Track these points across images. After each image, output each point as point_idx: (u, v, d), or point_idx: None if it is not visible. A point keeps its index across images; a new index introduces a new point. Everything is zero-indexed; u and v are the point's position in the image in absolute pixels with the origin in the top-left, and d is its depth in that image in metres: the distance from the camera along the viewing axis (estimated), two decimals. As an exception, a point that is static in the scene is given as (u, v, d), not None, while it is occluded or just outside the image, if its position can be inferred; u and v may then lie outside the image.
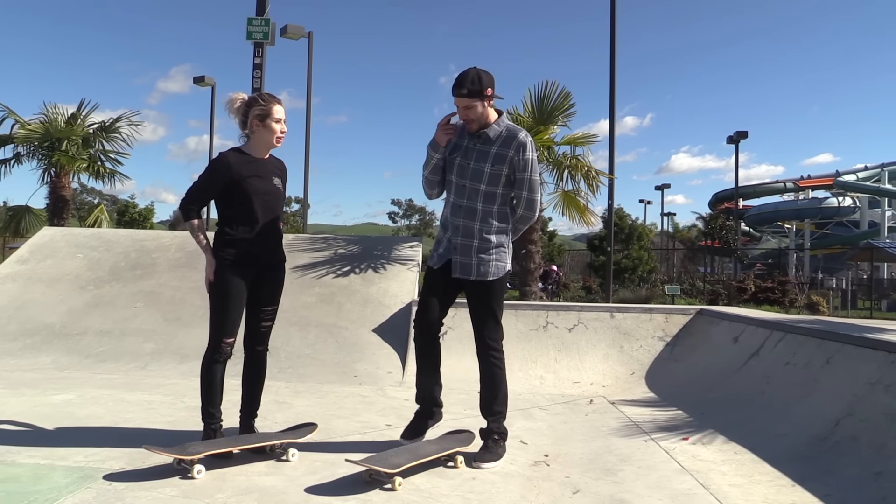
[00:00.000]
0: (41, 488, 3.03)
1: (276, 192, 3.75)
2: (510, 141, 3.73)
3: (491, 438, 3.81)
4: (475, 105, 3.66)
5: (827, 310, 20.73)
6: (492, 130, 3.74)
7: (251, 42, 11.96)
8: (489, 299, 3.85)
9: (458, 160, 3.78)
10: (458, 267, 3.80)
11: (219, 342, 3.58)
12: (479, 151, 3.74)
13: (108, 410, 4.59)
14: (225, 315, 3.58)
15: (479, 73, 3.67)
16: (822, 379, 4.51)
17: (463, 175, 3.76)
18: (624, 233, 33.85)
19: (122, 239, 9.04)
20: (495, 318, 3.88)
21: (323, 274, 8.04)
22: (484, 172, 3.72)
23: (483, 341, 3.86)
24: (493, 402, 3.86)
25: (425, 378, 3.93)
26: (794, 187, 55.32)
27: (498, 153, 3.73)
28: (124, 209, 41.55)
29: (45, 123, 13.87)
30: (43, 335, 6.83)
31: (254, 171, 3.65)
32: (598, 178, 11.48)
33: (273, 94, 3.77)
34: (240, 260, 3.60)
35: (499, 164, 3.72)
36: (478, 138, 3.75)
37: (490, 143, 3.74)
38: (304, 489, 3.16)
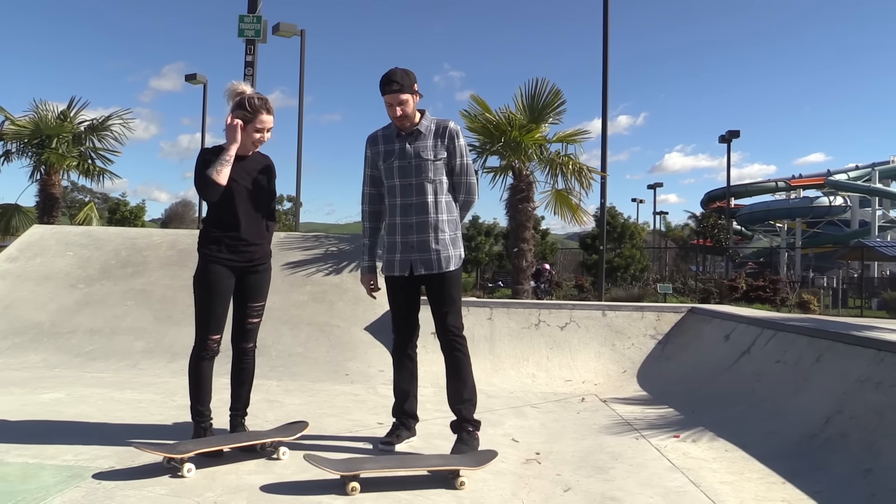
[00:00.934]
0: (29, 487, 3.01)
1: (261, 189, 3.72)
2: (443, 131, 3.85)
3: (465, 431, 3.79)
4: (407, 100, 3.74)
5: (818, 308, 20.82)
6: (422, 126, 3.84)
7: (243, 40, 11.92)
8: (451, 289, 3.85)
9: (396, 163, 3.82)
10: (419, 264, 3.81)
11: (205, 339, 3.56)
12: (416, 147, 3.81)
13: (97, 409, 4.56)
14: (209, 312, 3.56)
15: (405, 70, 3.79)
16: (813, 377, 4.53)
17: (406, 174, 3.80)
18: (616, 231, 33.84)
19: (113, 237, 9.00)
20: (457, 306, 3.88)
21: (315, 272, 8.02)
22: (428, 164, 3.79)
23: (447, 331, 3.82)
24: (463, 391, 3.82)
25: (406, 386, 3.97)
26: (785, 186, 55.53)
27: (435, 144, 3.83)
28: (115, 207, 41.28)
29: (35, 120, 13.78)
30: (32, 334, 6.79)
31: (235, 168, 3.62)
32: (591, 176, 11.49)
33: (265, 100, 3.70)
34: (223, 257, 3.58)
35: (440, 153, 3.82)
36: (410, 136, 3.83)
37: (424, 137, 3.83)
38: (294, 487, 3.15)
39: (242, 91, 3.67)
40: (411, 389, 3.97)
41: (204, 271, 3.57)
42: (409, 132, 3.83)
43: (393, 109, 3.75)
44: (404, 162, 3.81)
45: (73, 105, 14.31)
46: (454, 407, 3.83)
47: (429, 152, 3.80)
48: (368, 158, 3.97)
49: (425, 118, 3.88)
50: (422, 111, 3.90)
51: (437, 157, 3.81)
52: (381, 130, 3.97)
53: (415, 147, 3.81)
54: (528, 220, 11.45)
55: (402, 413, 3.97)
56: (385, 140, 3.91)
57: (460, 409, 3.81)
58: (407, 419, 3.98)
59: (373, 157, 3.94)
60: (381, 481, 3.25)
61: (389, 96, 3.73)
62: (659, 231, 58.84)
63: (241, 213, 3.62)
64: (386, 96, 3.74)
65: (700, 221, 43.14)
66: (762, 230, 57.79)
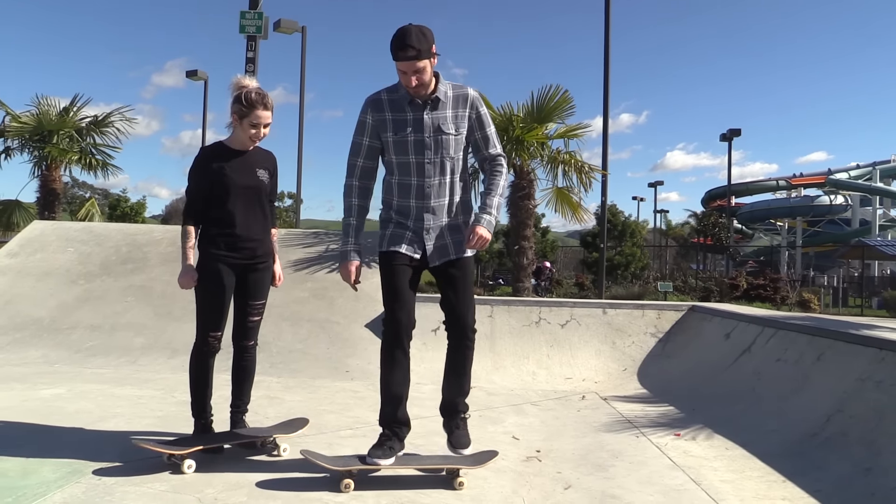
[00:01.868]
0: (30, 483, 3.01)
1: (260, 185, 3.67)
2: (463, 99, 3.34)
3: (460, 418, 3.43)
4: (425, 66, 3.16)
5: (818, 307, 20.81)
6: (440, 93, 3.29)
7: (244, 36, 11.92)
8: (468, 277, 3.44)
9: (411, 137, 3.27)
10: (435, 253, 3.34)
11: (205, 336, 3.55)
12: (435, 119, 3.28)
13: (97, 405, 4.56)
14: (210, 309, 3.55)
15: (422, 28, 3.18)
16: (813, 375, 4.53)
17: (422, 150, 3.27)
18: (617, 229, 33.84)
19: (114, 233, 8.99)
20: (473, 298, 3.47)
21: (316, 269, 8.02)
22: (449, 139, 3.29)
23: (466, 326, 3.38)
24: (464, 383, 3.46)
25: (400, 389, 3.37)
26: (786, 185, 55.51)
27: (455, 115, 3.32)
28: (116, 203, 41.28)
29: (37, 116, 13.76)
30: (32, 329, 6.79)
31: (234, 164, 3.59)
32: (592, 175, 11.48)
33: (263, 95, 3.59)
34: (223, 254, 3.55)
35: (462, 126, 3.32)
36: (427, 105, 3.28)
37: (444, 106, 3.30)
38: (294, 484, 3.15)
39: (245, 85, 3.62)
40: (405, 392, 3.38)
41: (203, 269, 3.54)
42: (427, 100, 3.27)
43: (408, 78, 3.17)
44: (421, 136, 3.26)
45: (75, 101, 14.29)
46: (454, 399, 3.44)
47: (450, 125, 3.28)
48: (369, 126, 3.34)
49: (441, 83, 3.30)
50: (436, 74, 3.29)
51: (458, 131, 3.31)
52: (387, 93, 3.34)
53: (434, 118, 3.27)
54: (529, 217, 11.44)
55: (395, 421, 3.33)
56: (393, 106, 3.30)
57: (458, 402, 3.44)
58: (400, 428, 3.35)
59: (375, 125, 3.32)
60: (380, 479, 3.25)
61: (404, 63, 3.14)
62: (659, 229, 58.82)
63: (238, 210, 3.57)
64: (399, 63, 3.15)
65: (700, 220, 43.12)
66: (763, 229, 57.80)
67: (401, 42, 3.12)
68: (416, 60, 3.12)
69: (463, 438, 3.37)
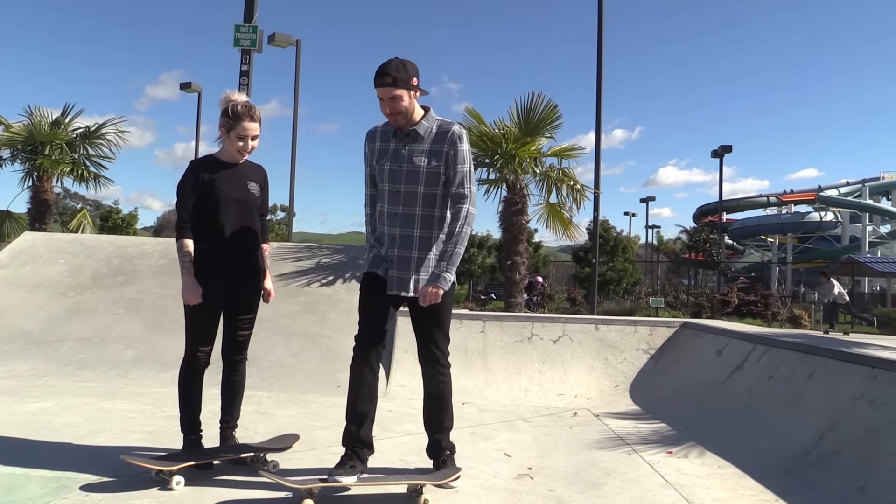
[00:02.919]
0: (15, 499, 2.97)
1: (250, 198, 3.65)
2: (444, 135, 3.40)
3: (444, 456, 3.48)
4: (401, 96, 3.29)
5: (809, 323, 20.88)
6: (421, 127, 3.40)
7: (238, 49, 11.92)
8: (431, 312, 3.39)
9: (387, 165, 3.41)
10: (394, 282, 3.39)
11: (194, 351, 3.52)
12: (410, 151, 3.38)
13: (86, 419, 4.51)
14: (199, 323, 3.52)
15: (404, 62, 3.34)
16: (806, 393, 4.53)
17: (396, 180, 3.39)
18: (609, 245, 33.94)
19: (104, 245, 8.95)
20: (442, 331, 3.49)
21: (307, 283, 7.99)
22: (420, 172, 3.37)
23: (428, 356, 3.46)
24: (444, 420, 3.50)
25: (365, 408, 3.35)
26: (777, 201, 55.87)
27: (432, 150, 3.39)
28: (107, 215, 41.17)
29: (29, 127, 13.72)
30: (21, 342, 6.73)
31: (224, 176, 3.57)
32: (584, 193, 11.54)
33: (250, 107, 3.58)
34: (211, 267, 3.52)
35: (436, 161, 3.38)
36: (406, 137, 3.40)
37: (421, 140, 3.40)
38: (285, 501, 3.12)
39: (233, 99, 3.62)
40: (370, 412, 3.35)
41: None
42: (406, 133, 3.40)
43: (384, 105, 3.32)
44: (395, 165, 3.39)
45: (67, 112, 14.26)
46: (434, 435, 3.51)
47: (422, 158, 3.37)
48: (366, 156, 3.57)
49: (427, 118, 3.42)
50: (426, 109, 3.46)
51: (430, 165, 3.37)
52: (382, 126, 3.52)
53: (409, 150, 3.38)
54: (522, 232, 11.45)
55: (357, 441, 3.30)
56: (382, 137, 3.48)
57: (440, 439, 3.50)
58: (361, 449, 3.31)
59: (369, 154, 3.54)
60: (348, 499, 3.23)
61: (381, 89, 3.30)
62: (651, 245, 58.99)
63: (228, 224, 3.55)
64: (378, 89, 3.31)
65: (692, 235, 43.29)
66: (754, 245, 58.08)
67: (380, 70, 3.29)
68: (393, 88, 3.26)
69: (449, 472, 3.36)
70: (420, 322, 3.47)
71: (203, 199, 3.53)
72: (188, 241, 3.51)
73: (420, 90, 3.40)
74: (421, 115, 3.42)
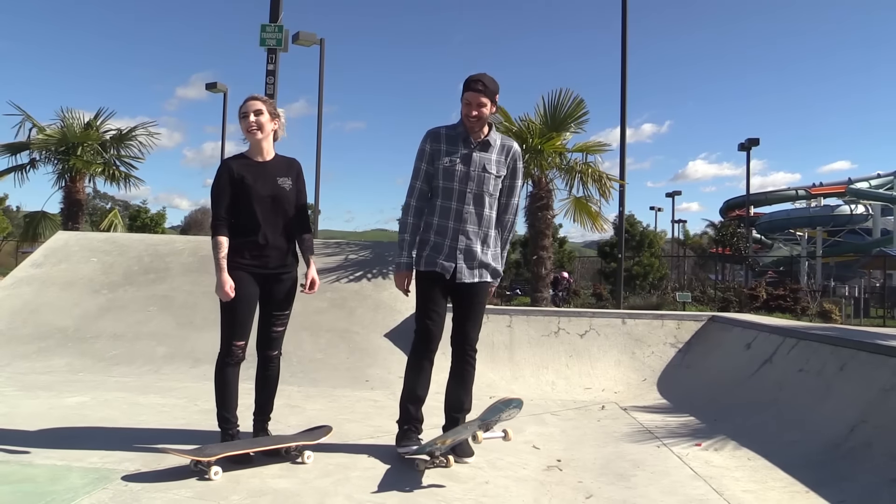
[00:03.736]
0: (58, 489, 3.06)
1: (281, 193, 3.70)
2: (507, 150, 3.88)
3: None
4: (487, 105, 3.71)
5: (839, 318, 20.58)
6: (491, 138, 3.84)
7: (265, 49, 12.03)
8: (480, 301, 3.90)
9: (459, 168, 3.77)
10: (464, 272, 3.79)
11: (230, 345, 3.58)
12: (482, 157, 3.80)
13: (122, 413, 4.62)
14: (234, 318, 3.58)
15: (493, 78, 3.79)
16: (836, 386, 4.50)
17: (465, 181, 3.77)
18: (635, 240, 33.74)
19: (136, 243, 9.10)
20: (480, 320, 3.96)
21: (335, 279, 8.07)
22: (490, 178, 3.80)
23: (467, 342, 3.88)
24: (465, 400, 3.91)
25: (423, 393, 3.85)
26: (805, 195, 55.02)
27: (499, 160, 3.84)
28: (136, 214, 41.75)
29: (62, 128, 13.97)
30: (57, 338, 6.88)
31: (254, 173, 3.64)
32: (610, 185, 11.47)
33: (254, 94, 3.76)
34: (245, 263, 3.59)
35: (501, 170, 3.85)
36: (479, 146, 3.81)
37: (491, 150, 3.83)
38: (317, 491, 3.18)
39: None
40: (425, 396, 3.86)
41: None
42: (479, 141, 3.81)
43: (470, 108, 3.70)
44: (468, 169, 3.77)
45: (99, 115, 14.50)
46: (454, 414, 3.89)
47: (493, 166, 3.81)
48: (426, 153, 3.84)
49: (493, 132, 3.88)
50: (490, 125, 3.88)
51: (499, 174, 3.83)
52: (446, 129, 3.87)
53: (482, 158, 3.80)
54: (548, 227, 11.44)
55: (415, 420, 3.85)
56: (449, 140, 3.82)
57: (458, 418, 3.87)
58: (419, 426, 3.87)
59: (432, 152, 3.83)
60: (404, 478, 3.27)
61: (471, 94, 3.70)
62: (677, 239, 58.50)
63: (260, 220, 3.61)
64: (467, 93, 3.71)
65: (719, 230, 42.86)
66: (782, 239, 57.25)
67: (474, 77, 3.73)
68: (482, 95, 3.69)
69: (465, 448, 3.79)
70: (464, 310, 3.88)
71: (235, 197, 3.60)
72: (222, 238, 3.57)
73: (498, 105, 3.85)
74: (488, 129, 3.87)
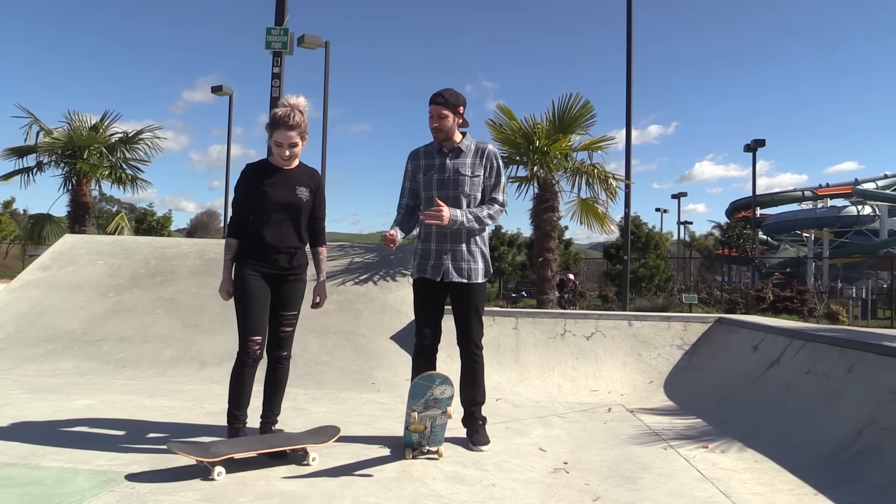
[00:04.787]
0: (65, 491, 3.07)
1: (297, 202, 3.79)
2: (481, 152, 4.17)
3: (478, 423, 4.19)
4: (448, 116, 4.06)
5: (847, 319, 20.52)
6: (463, 145, 4.16)
7: (270, 52, 12.04)
8: (476, 299, 4.15)
9: (435, 176, 4.12)
10: (452, 272, 4.08)
11: (246, 341, 3.64)
12: (456, 164, 4.11)
13: (129, 416, 4.62)
14: (247, 314, 3.66)
15: (457, 92, 4.14)
16: (844, 387, 4.48)
17: (444, 187, 4.09)
18: (641, 241, 33.65)
19: (142, 246, 9.12)
20: (480, 317, 4.19)
21: (340, 282, 8.07)
22: (465, 179, 4.09)
23: (469, 340, 4.14)
24: (476, 395, 4.20)
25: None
26: (812, 196, 54.87)
27: (473, 163, 4.14)
28: (142, 217, 41.86)
29: (69, 132, 14.04)
30: (64, 341, 6.90)
31: (273, 180, 3.75)
32: (616, 185, 11.45)
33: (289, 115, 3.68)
34: (253, 263, 3.71)
35: (477, 171, 4.14)
36: (451, 153, 4.14)
37: (464, 155, 4.14)
38: (324, 494, 3.17)
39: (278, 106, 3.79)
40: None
41: (237, 276, 3.72)
42: (451, 149, 4.13)
43: (432, 120, 4.08)
44: (443, 175, 4.10)
45: (105, 118, 14.56)
46: (469, 407, 4.22)
47: (467, 169, 4.10)
48: (408, 171, 4.25)
49: (466, 139, 4.19)
50: (463, 133, 4.21)
51: (474, 174, 4.11)
52: (424, 147, 4.27)
53: (454, 163, 4.11)
54: (553, 229, 11.44)
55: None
56: (426, 155, 4.21)
57: (474, 410, 4.21)
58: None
59: (413, 170, 4.23)
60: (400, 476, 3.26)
61: (432, 106, 4.08)
62: (683, 241, 58.37)
63: (269, 223, 3.72)
64: (430, 106, 4.09)
65: (725, 231, 42.73)
66: (788, 240, 57.08)
67: (436, 92, 4.10)
68: (442, 107, 4.05)
69: (481, 438, 4.14)
70: (461, 310, 4.14)
71: (252, 202, 3.72)
72: (231, 240, 3.77)
73: (464, 120, 4.16)
74: (461, 137, 4.19)
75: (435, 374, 3.73)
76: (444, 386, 3.70)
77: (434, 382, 3.69)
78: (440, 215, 3.91)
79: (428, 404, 3.70)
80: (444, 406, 3.71)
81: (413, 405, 3.69)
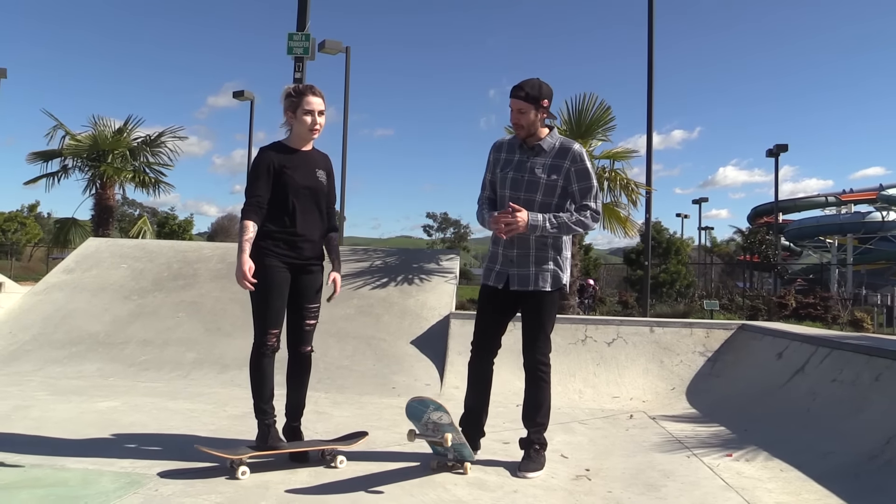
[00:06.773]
0: (90, 493, 3.09)
1: (319, 185, 3.68)
2: (565, 152, 3.75)
3: (532, 448, 3.81)
4: (529, 110, 3.68)
5: (871, 326, 20.23)
6: (545, 143, 3.77)
7: (292, 57, 12.14)
8: (542, 312, 3.81)
9: (510, 174, 3.77)
10: (515, 279, 3.77)
11: (264, 334, 3.53)
12: (533, 163, 3.75)
13: (152, 418, 4.66)
14: (266, 305, 3.52)
15: (541, 82, 3.73)
16: (872, 396, 4.41)
17: (517, 188, 3.75)
18: (661, 247, 33.47)
19: (165, 250, 9.21)
20: (546, 331, 3.85)
21: (361, 286, 8.09)
22: (540, 183, 3.72)
23: (533, 354, 3.83)
24: (537, 414, 3.86)
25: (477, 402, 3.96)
26: (835, 201, 54.24)
27: (553, 164, 3.74)
28: (164, 221, 42.33)
29: (94, 136, 14.22)
30: (88, 344, 6.97)
31: (294, 163, 3.61)
32: (637, 191, 11.39)
33: (311, 85, 3.68)
34: (279, 251, 3.55)
35: (554, 174, 3.73)
36: (531, 151, 3.77)
37: (544, 154, 3.76)
38: (351, 497, 3.18)
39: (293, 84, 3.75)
40: (484, 408, 3.95)
41: (259, 265, 3.50)
42: (531, 146, 3.78)
43: (511, 114, 3.74)
44: (518, 175, 3.76)
45: (129, 122, 14.76)
46: (528, 429, 3.88)
47: (543, 171, 3.73)
48: (490, 163, 3.93)
49: (551, 136, 3.81)
50: (549, 128, 3.84)
51: (549, 177, 3.73)
52: (509, 138, 3.95)
53: (532, 163, 3.76)
54: (586, 233, 11.38)
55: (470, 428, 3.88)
56: (508, 148, 3.88)
57: (531, 433, 3.86)
58: (474, 439, 3.90)
59: (493, 162, 3.90)
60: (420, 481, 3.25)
61: (511, 100, 3.72)
62: (704, 247, 57.93)
63: (297, 209, 3.59)
64: (511, 99, 3.73)
65: (747, 237, 42.37)
66: (812, 246, 56.43)
67: (518, 84, 3.71)
68: (522, 100, 3.67)
69: (530, 464, 3.74)
70: (525, 320, 3.85)
71: (274, 185, 3.56)
72: (249, 222, 3.51)
73: (549, 114, 3.81)
74: (546, 132, 3.80)
75: (428, 399, 3.55)
76: (440, 413, 3.51)
77: (428, 408, 3.53)
78: (516, 221, 3.59)
79: (428, 427, 3.57)
80: (444, 431, 3.52)
81: (414, 425, 3.60)
